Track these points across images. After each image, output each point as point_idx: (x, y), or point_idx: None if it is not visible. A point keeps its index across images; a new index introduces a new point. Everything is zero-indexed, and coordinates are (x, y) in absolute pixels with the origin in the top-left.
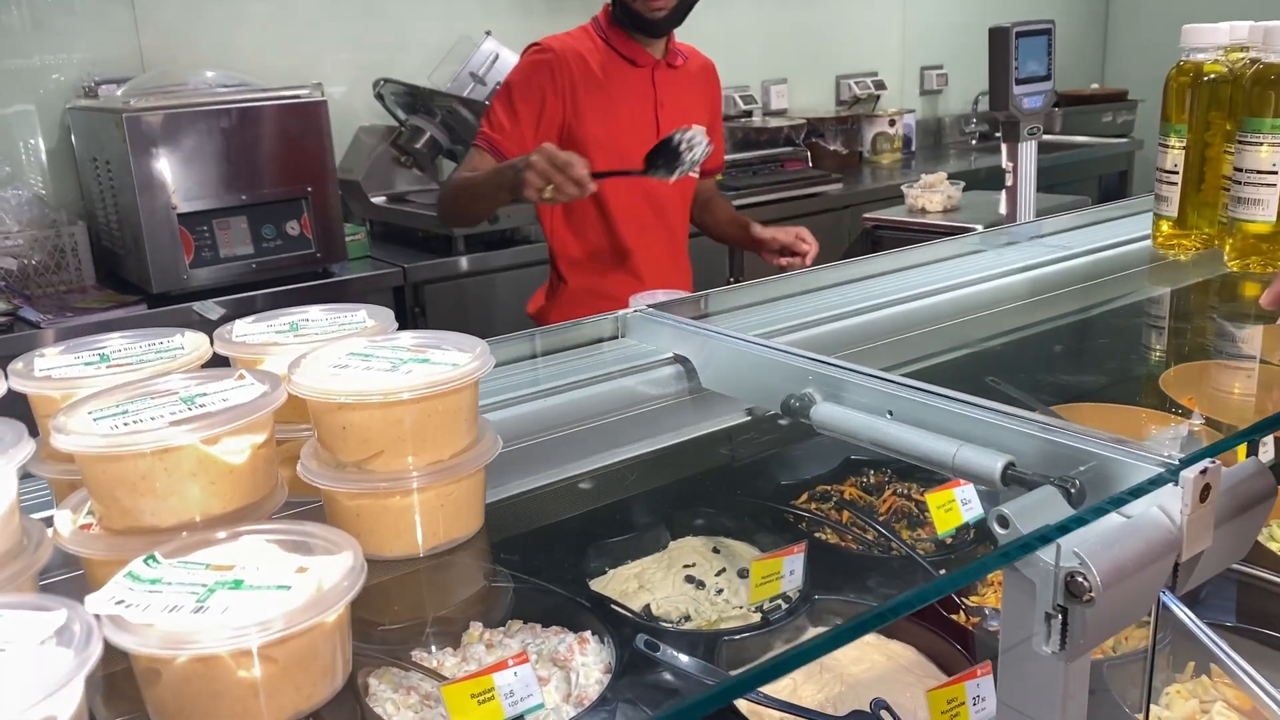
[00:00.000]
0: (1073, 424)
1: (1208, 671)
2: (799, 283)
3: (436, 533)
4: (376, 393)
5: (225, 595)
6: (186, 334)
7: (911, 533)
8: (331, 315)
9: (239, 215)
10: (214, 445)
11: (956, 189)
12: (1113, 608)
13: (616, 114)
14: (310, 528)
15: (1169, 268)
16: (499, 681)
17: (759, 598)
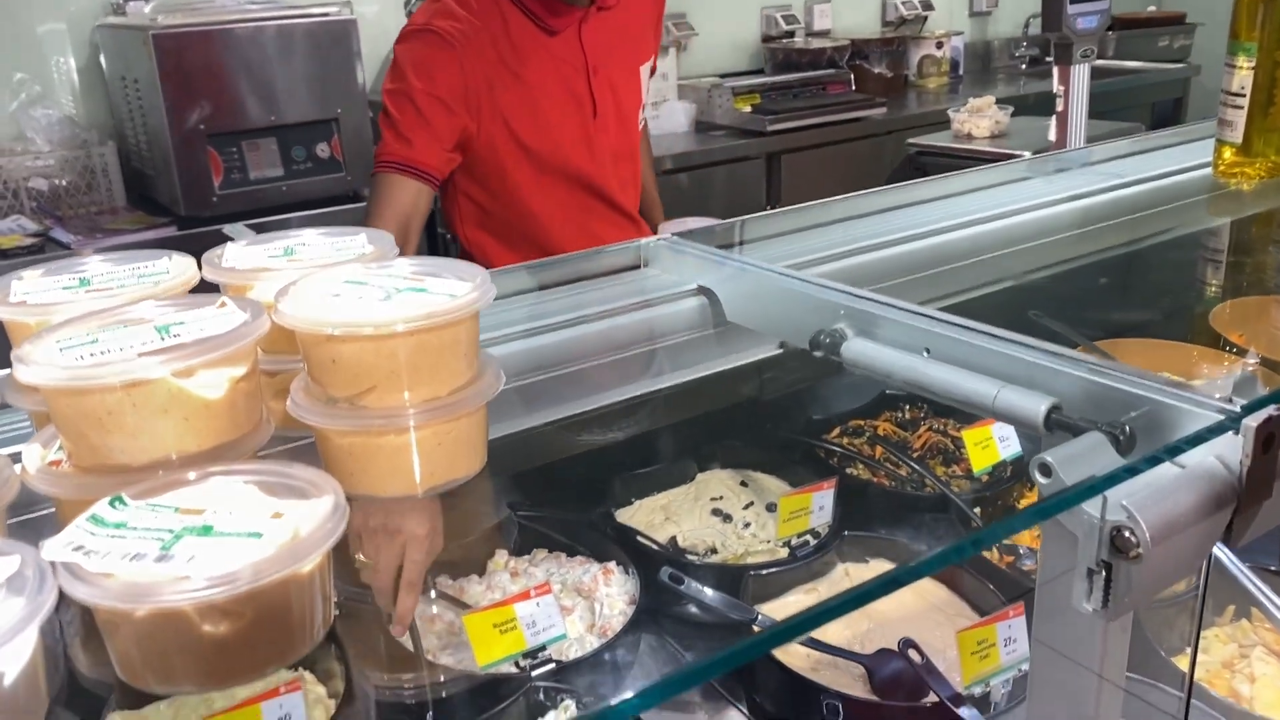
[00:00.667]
0: (1124, 365)
1: (1248, 615)
2: (835, 210)
3: (434, 473)
4: (367, 324)
5: (192, 542)
6: (174, 257)
7: (946, 469)
8: (329, 240)
9: (268, 137)
10: (188, 379)
11: (1005, 114)
12: (1161, 565)
13: (539, 106)
14: (291, 469)
15: (1230, 197)
16: (521, 611)
17: (786, 533)
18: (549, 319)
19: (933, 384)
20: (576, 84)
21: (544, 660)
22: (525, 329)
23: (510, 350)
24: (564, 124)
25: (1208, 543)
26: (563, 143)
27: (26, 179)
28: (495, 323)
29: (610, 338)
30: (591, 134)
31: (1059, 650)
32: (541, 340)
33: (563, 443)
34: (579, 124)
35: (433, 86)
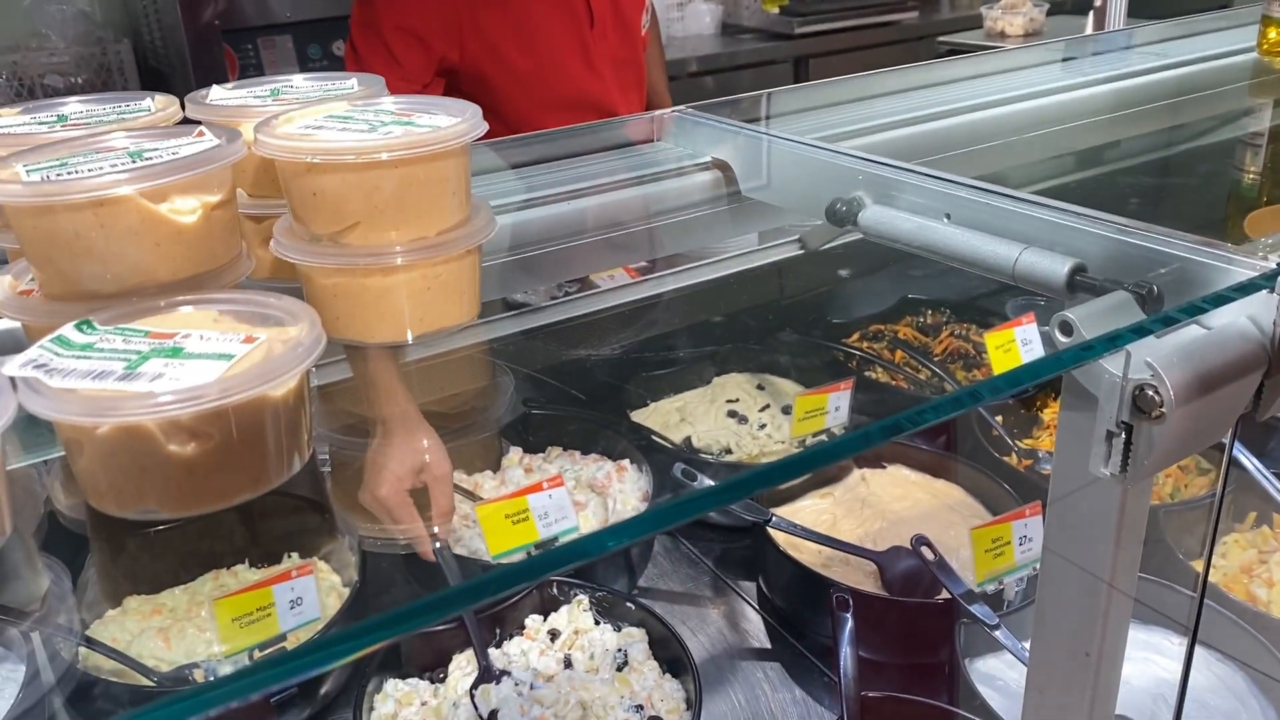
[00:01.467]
0: (1152, 225)
1: (1270, 522)
2: (860, 87)
3: (424, 318)
4: (349, 152)
5: (159, 363)
6: (157, 98)
7: (967, 374)
8: (318, 82)
9: (284, 34)
10: (159, 202)
11: (1040, 10)
12: (1184, 428)
13: (528, 23)
14: (269, 298)
15: (1274, 84)
16: (533, 503)
17: (800, 433)
18: (556, 189)
19: (953, 249)
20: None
21: None
22: (531, 198)
23: (517, 219)
24: (557, 38)
25: (1234, 409)
26: (558, 60)
27: (42, 76)
28: (504, 190)
29: (620, 210)
30: (589, 45)
31: (1075, 518)
32: (549, 210)
33: (579, 341)
34: (574, 36)
35: (403, 17)
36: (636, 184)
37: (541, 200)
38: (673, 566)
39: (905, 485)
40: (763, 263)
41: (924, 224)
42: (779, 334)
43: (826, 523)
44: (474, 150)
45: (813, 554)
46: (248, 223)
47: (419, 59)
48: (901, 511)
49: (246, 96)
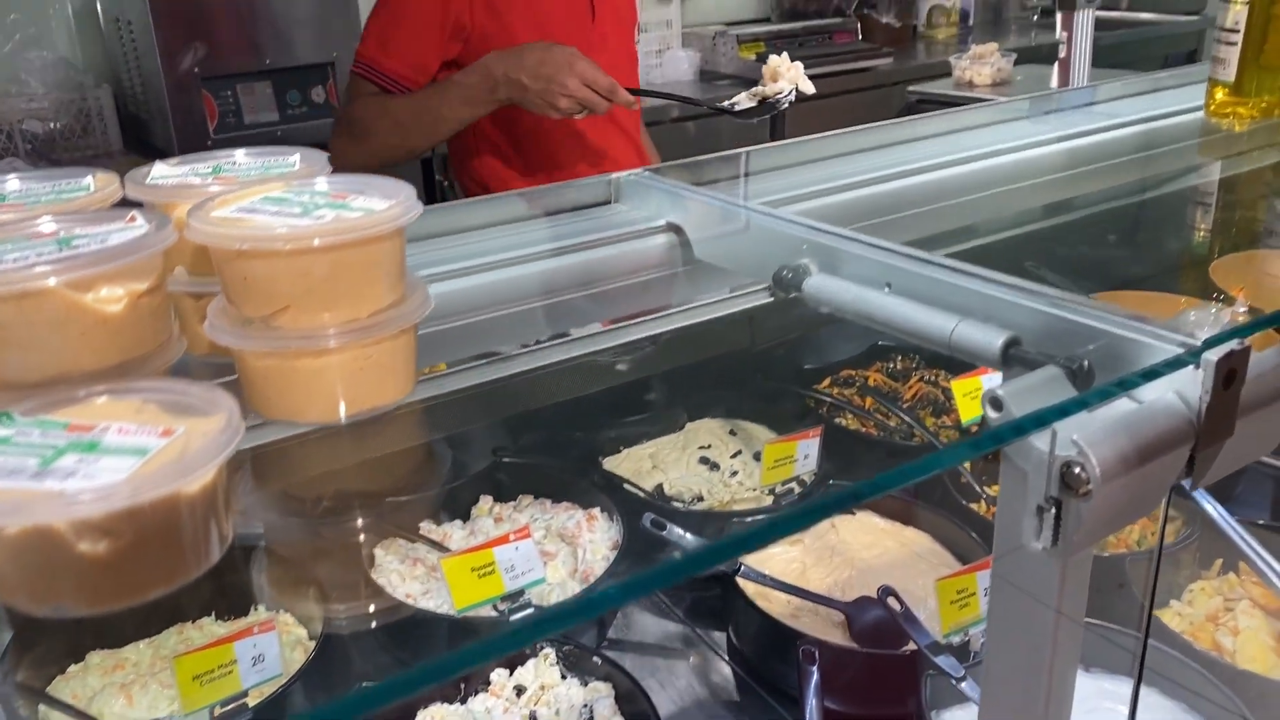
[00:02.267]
0: (1085, 299)
1: (1235, 569)
2: (819, 148)
3: (356, 398)
4: (279, 239)
5: (74, 459)
6: (97, 174)
7: (936, 420)
8: (259, 159)
9: (263, 81)
10: (85, 291)
11: (1007, 61)
12: (1113, 502)
13: (548, 16)
14: (190, 387)
15: (1222, 140)
16: (499, 556)
17: (770, 480)
18: (512, 252)
19: (892, 319)
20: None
21: (523, 604)
22: (487, 262)
23: (470, 284)
24: (561, 31)
25: (1164, 482)
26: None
27: (21, 121)
28: (460, 254)
29: (576, 273)
30: (593, 42)
31: (1017, 585)
32: (504, 274)
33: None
34: (579, 29)
35: None
36: (592, 247)
37: (497, 264)
38: (643, 616)
39: (875, 533)
40: (734, 310)
41: (865, 293)
42: (751, 380)
43: (796, 571)
44: (429, 213)
45: (782, 603)
46: (187, 300)
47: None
48: (871, 560)
49: (187, 174)
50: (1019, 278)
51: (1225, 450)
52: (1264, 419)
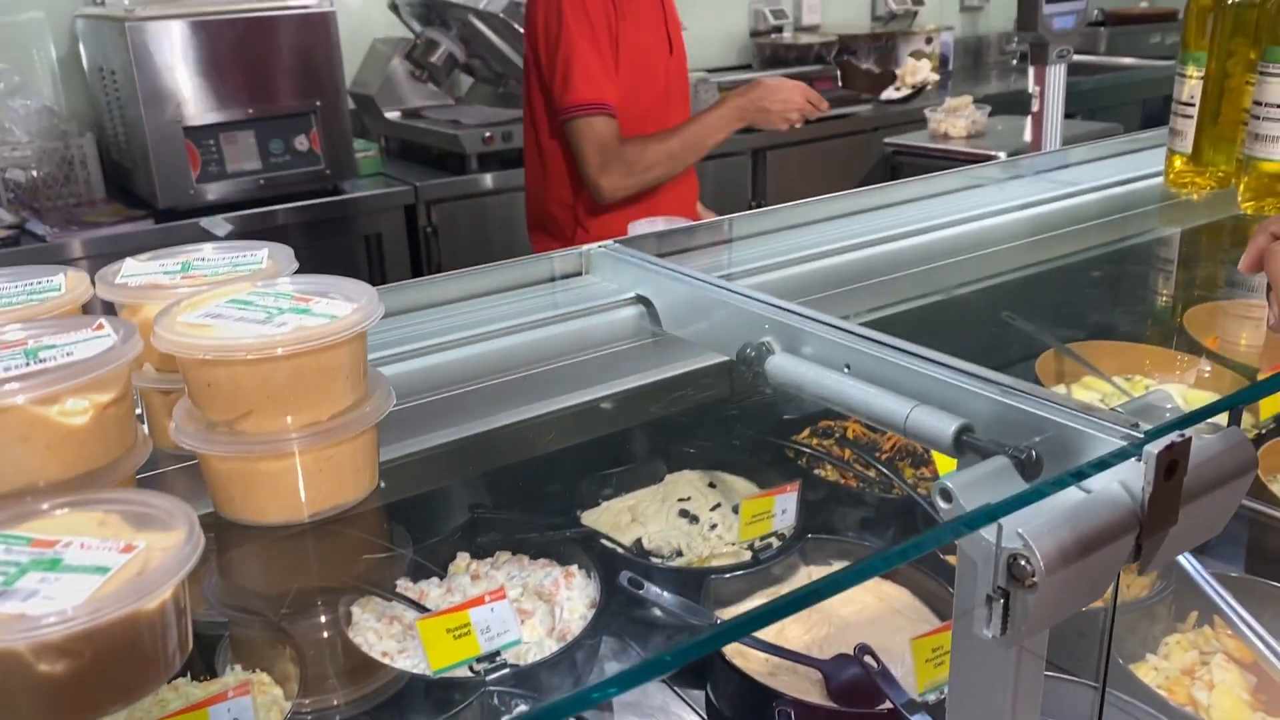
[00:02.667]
0: (1035, 388)
1: (1210, 622)
2: (793, 215)
3: (318, 498)
4: (240, 348)
5: (36, 578)
6: (69, 274)
7: (915, 471)
8: (228, 255)
9: (246, 130)
10: (49, 405)
11: (982, 114)
12: (1059, 593)
13: (643, 36)
14: (153, 498)
15: (1180, 208)
16: (475, 617)
17: (748, 536)
18: (487, 326)
19: (850, 402)
20: (658, 17)
21: (499, 665)
22: (461, 337)
23: (445, 359)
24: (653, 57)
25: (1111, 570)
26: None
27: (3, 170)
28: (438, 329)
29: (549, 346)
30: (670, 69)
31: (977, 656)
32: (478, 348)
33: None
34: (661, 59)
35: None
36: (564, 320)
37: (470, 339)
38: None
39: (853, 589)
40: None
41: (824, 375)
42: (730, 431)
43: (774, 629)
44: (403, 288)
45: (760, 661)
46: (155, 395)
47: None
48: (849, 616)
49: (157, 272)
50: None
51: (1171, 536)
52: (1210, 503)
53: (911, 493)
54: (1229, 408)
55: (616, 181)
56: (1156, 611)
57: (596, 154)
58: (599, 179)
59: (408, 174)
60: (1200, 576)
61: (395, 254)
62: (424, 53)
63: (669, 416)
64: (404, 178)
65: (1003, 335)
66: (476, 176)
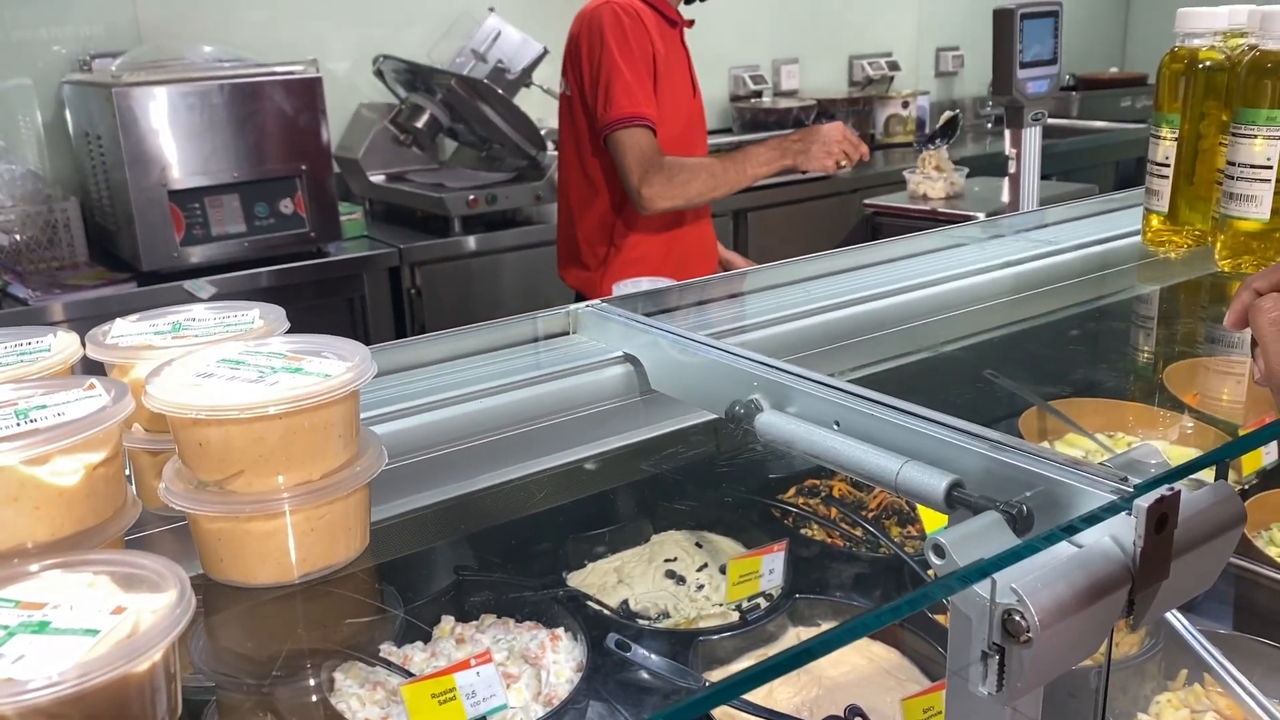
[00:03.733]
0: (1024, 443)
1: (1201, 680)
2: (776, 275)
3: (308, 559)
4: (234, 408)
5: (24, 641)
6: (59, 334)
7: (901, 530)
8: (219, 315)
9: (231, 193)
10: (39, 466)
11: (960, 175)
12: (1054, 648)
13: (673, 76)
14: (142, 559)
15: (1159, 265)
16: (461, 681)
17: (735, 597)
18: (475, 386)
19: (840, 459)
20: (684, 64)
21: None
22: (450, 396)
23: (435, 418)
24: (682, 90)
25: (1105, 625)
26: (680, 106)
27: None
28: (427, 388)
29: (537, 405)
30: (694, 109)
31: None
32: (467, 407)
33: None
34: (687, 101)
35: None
36: (552, 379)
37: (458, 399)
38: None
39: (842, 649)
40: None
41: (814, 432)
42: (716, 491)
43: (763, 690)
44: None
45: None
46: (144, 456)
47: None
48: (838, 677)
49: (148, 332)
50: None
51: (1163, 590)
52: (1201, 557)
53: (899, 552)
54: (1216, 461)
55: (657, 190)
56: (1146, 670)
57: (638, 163)
58: (640, 187)
59: (392, 237)
60: (1189, 634)
61: (380, 316)
62: (409, 118)
63: (655, 476)
64: (388, 240)
65: (986, 393)
66: (460, 239)
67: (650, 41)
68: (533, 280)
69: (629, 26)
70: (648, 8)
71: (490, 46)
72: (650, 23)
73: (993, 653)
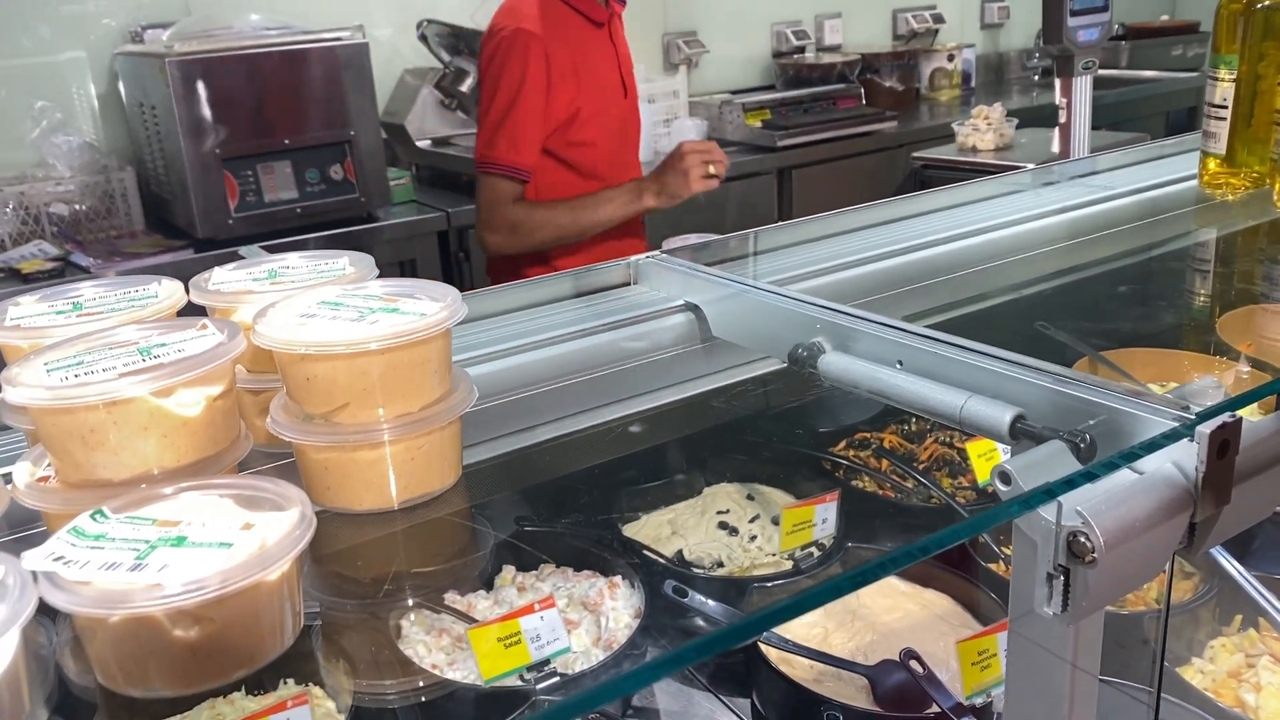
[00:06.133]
0: (1086, 375)
1: (1255, 625)
2: (828, 225)
3: (409, 486)
4: (339, 344)
5: (165, 553)
6: (163, 282)
7: (953, 481)
8: (312, 263)
9: (283, 160)
10: (166, 397)
11: (1010, 126)
12: (1117, 569)
13: (594, 80)
14: (263, 483)
15: (1216, 209)
16: (525, 625)
17: (789, 545)
18: (541, 335)
19: (904, 396)
20: (610, 65)
21: (549, 673)
22: (518, 345)
23: (503, 366)
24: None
25: (1167, 548)
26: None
27: (48, 204)
28: (488, 339)
29: (601, 353)
30: (626, 110)
31: (1034, 645)
32: (534, 355)
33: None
34: (616, 102)
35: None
36: (615, 328)
37: (528, 346)
38: (666, 683)
39: (895, 596)
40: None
41: (877, 371)
42: (767, 444)
43: (818, 636)
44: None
45: (805, 668)
46: (246, 395)
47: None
48: (892, 623)
49: (246, 280)
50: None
51: (1224, 516)
52: (1261, 485)
53: (950, 501)
54: (1277, 391)
55: (501, 239)
56: (1200, 615)
57: (486, 211)
58: (483, 233)
59: (439, 201)
60: (1244, 579)
61: (429, 279)
62: (453, 81)
63: (706, 430)
64: (436, 205)
65: (1038, 343)
66: None
67: (546, 72)
68: None
69: (531, 59)
70: (569, 10)
71: None
72: (566, 33)
73: (1058, 574)
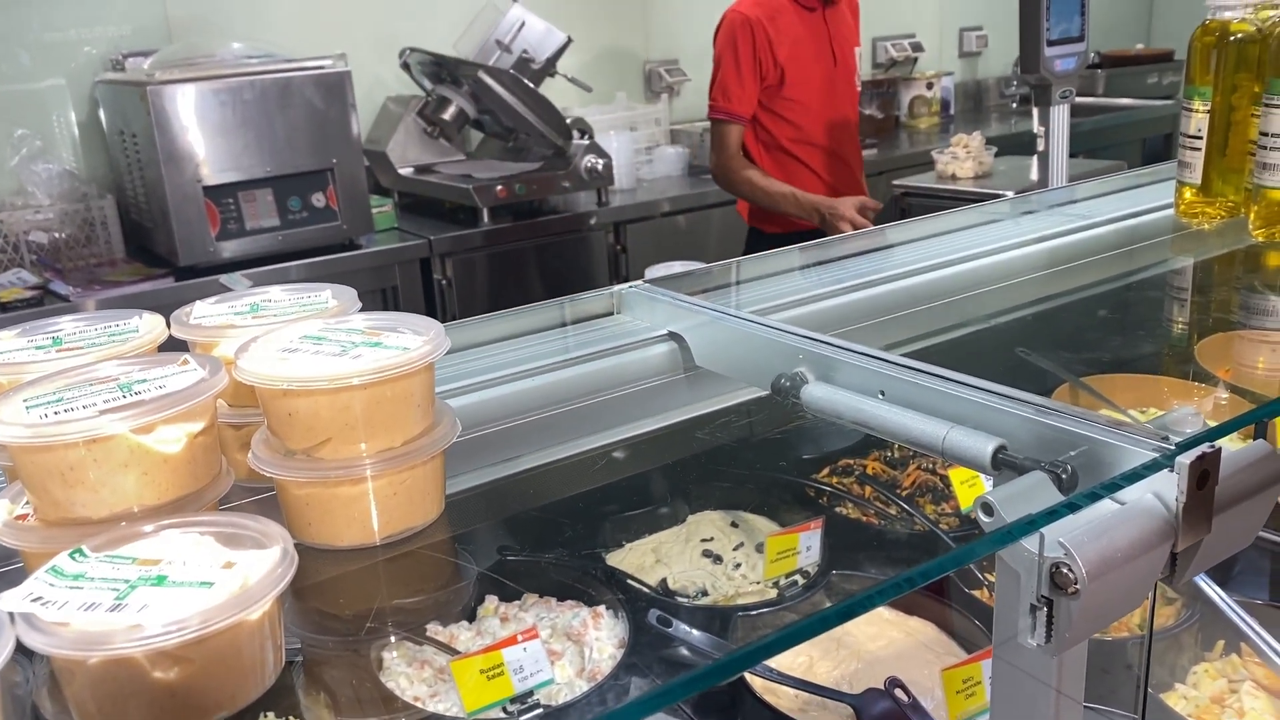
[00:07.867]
0: (1067, 406)
1: (1238, 650)
2: (810, 254)
3: (391, 521)
4: (321, 379)
5: (146, 592)
6: (144, 316)
7: (936, 507)
8: (294, 296)
9: (264, 188)
10: (147, 434)
11: (989, 154)
12: (1101, 600)
13: (805, 54)
14: (244, 520)
15: (1193, 237)
16: (508, 657)
17: (773, 573)
18: (523, 365)
19: (887, 427)
20: (823, 46)
21: (532, 705)
22: (500, 375)
23: (486, 396)
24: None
25: (1149, 579)
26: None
27: (27, 232)
28: (470, 370)
29: (584, 383)
30: (837, 78)
31: (1018, 671)
32: (517, 386)
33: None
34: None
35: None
36: (598, 358)
37: (512, 377)
38: None
39: (880, 623)
40: (733, 402)
41: (860, 402)
42: (750, 471)
43: (803, 665)
44: None
45: (790, 698)
46: (228, 430)
47: (751, 76)
48: (877, 651)
49: (228, 313)
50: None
51: (1205, 546)
52: (1241, 513)
53: (933, 528)
54: (1256, 420)
55: (718, 179)
56: (1183, 641)
57: (713, 153)
58: (712, 168)
59: (422, 228)
60: (1226, 605)
61: (411, 307)
62: (435, 110)
63: (690, 458)
64: (418, 232)
65: (1019, 369)
66: (489, 229)
67: (754, 44)
68: (562, 268)
69: (739, 36)
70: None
71: (514, 37)
72: (779, 20)
73: (1041, 605)
